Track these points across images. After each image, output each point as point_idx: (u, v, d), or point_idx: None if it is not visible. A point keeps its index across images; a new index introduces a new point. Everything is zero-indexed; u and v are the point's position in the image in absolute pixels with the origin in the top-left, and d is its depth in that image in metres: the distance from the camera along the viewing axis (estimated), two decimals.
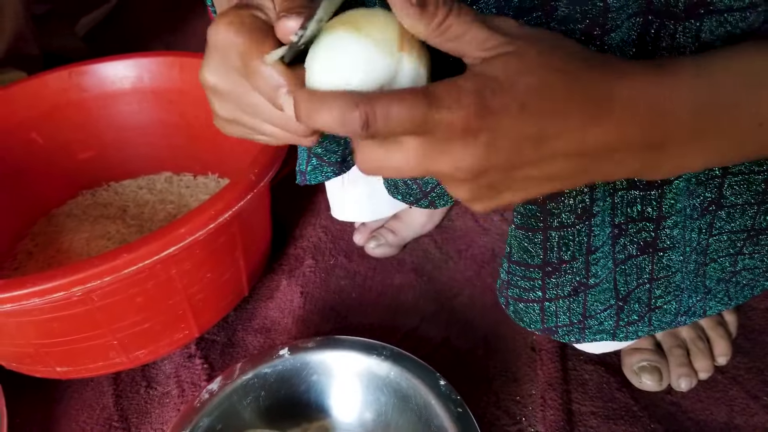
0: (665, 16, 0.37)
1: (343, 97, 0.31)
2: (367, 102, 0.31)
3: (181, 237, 0.57)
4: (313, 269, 0.81)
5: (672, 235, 0.47)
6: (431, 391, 0.57)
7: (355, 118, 0.31)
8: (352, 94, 0.31)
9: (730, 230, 0.49)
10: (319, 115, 0.32)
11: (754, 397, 0.64)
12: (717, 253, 0.50)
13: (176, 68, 0.86)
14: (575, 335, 0.52)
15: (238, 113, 0.40)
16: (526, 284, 0.49)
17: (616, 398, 0.65)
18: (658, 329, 0.53)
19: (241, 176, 0.63)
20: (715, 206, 0.47)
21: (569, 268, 0.47)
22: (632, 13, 0.37)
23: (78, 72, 0.86)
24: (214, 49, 0.39)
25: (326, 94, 0.32)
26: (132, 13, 1.44)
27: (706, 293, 0.53)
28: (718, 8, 0.37)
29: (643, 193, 0.44)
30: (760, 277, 0.53)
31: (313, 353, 0.62)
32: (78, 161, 0.89)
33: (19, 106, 0.84)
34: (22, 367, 0.67)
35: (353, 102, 0.31)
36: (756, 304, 0.72)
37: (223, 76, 0.39)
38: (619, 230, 0.46)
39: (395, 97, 0.31)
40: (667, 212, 0.45)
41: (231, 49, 0.37)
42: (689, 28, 0.37)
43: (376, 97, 0.31)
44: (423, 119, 0.31)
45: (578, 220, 0.44)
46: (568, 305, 0.50)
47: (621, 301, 0.50)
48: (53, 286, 0.53)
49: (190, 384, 0.69)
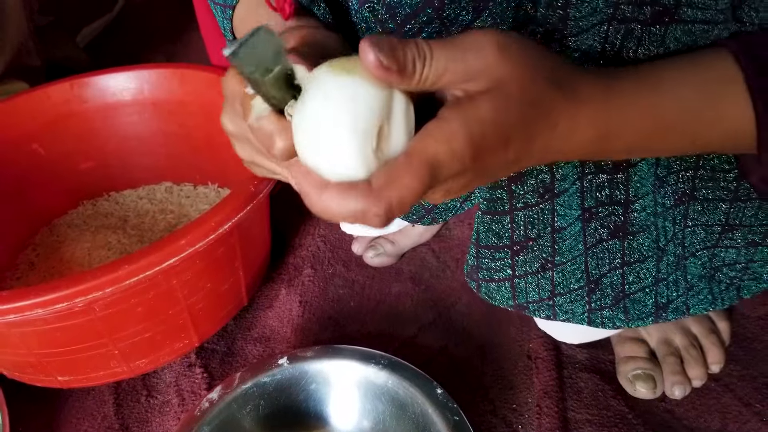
0: (631, 21, 0.39)
1: (360, 200, 0.33)
2: (383, 201, 0.32)
3: (182, 248, 0.58)
4: (312, 278, 0.82)
5: (641, 218, 0.48)
6: (428, 400, 0.58)
7: (376, 220, 0.33)
8: (366, 197, 0.33)
9: (704, 223, 0.50)
10: (336, 216, 0.33)
11: (746, 405, 0.65)
12: (694, 245, 0.52)
13: (176, 80, 0.87)
14: (545, 311, 0.54)
15: (255, 156, 0.43)
16: (496, 265, 0.52)
17: (610, 406, 0.65)
18: (637, 321, 0.54)
19: (241, 187, 0.64)
20: (689, 198, 0.49)
21: (535, 245, 0.49)
22: (596, 22, 0.39)
23: (80, 83, 0.87)
24: (227, 98, 0.42)
25: (340, 195, 0.33)
26: (133, 24, 1.46)
27: (687, 289, 0.54)
28: (683, 19, 0.39)
29: (610, 177, 0.46)
30: (742, 275, 0.54)
31: (312, 362, 0.63)
32: (79, 171, 0.90)
33: (22, 117, 0.85)
34: (24, 377, 0.67)
35: (371, 207, 0.33)
36: (749, 312, 0.73)
37: (235, 123, 0.42)
38: (589, 214, 0.48)
39: (406, 187, 0.33)
40: (634, 195, 0.47)
41: (236, 99, 0.40)
42: (655, 33, 0.40)
43: (388, 193, 0.32)
44: (430, 187, 0.33)
45: (541, 199, 0.47)
46: (537, 281, 0.52)
47: (592, 283, 0.52)
48: (56, 297, 0.54)
49: (190, 393, 0.70)
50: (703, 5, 0.39)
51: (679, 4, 0.39)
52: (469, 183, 0.36)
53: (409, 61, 0.33)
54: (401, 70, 0.33)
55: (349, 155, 0.33)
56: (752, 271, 0.53)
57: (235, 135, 0.43)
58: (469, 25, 0.43)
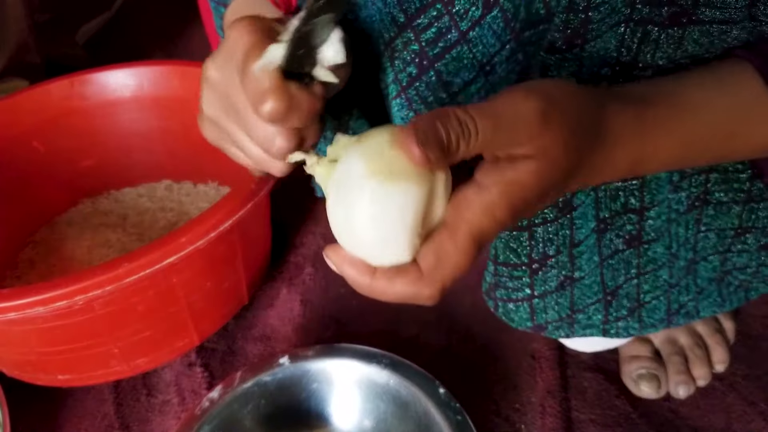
0: (648, 23, 0.39)
1: (411, 285, 0.34)
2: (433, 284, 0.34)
3: (182, 246, 0.58)
4: (313, 277, 0.82)
5: (656, 226, 0.48)
6: (430, 399, 0.58)
7: (429, 301, 0.34)
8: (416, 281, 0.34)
9: (717, 227, 0.50)
10: (389, 299, 0.35)
11: (751, 404, 0.64)
12: (706, 250, 0.51)
13: (176, 77, 0.87)
14: (565, 330, 0.53)
15: (221, 114, 0.40)
16: (514, 284, 0.50)
17: (614, 406, 0.65)
18: (650, 328, 0.54)
19: (242, 185, 0.63)
20: (702, 202, 0.48)
21: (555, 262, 0.49)
22: (614, 23, 0.39)
23: (80, 81, 0.87)
24: (225, 43, 0.39)
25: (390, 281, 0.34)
26: (132, 21, 1.45)
27: (698, 293, 0.54)
28: (701, 19, 0.39)
29: (625, 185, 0.46)
30: (752, 278, 0.53)
31: (313, 361, 0.62)
32: (79, 169, 0.90)
33: (22, 114, 0.84)
34: (24, 375, 0.67)
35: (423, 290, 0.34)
36: (754, 311, 0.73)
37: (222, 70, 0.39)
38: (604, 224, 0.48)
39: (453, 266, 0.33)
40: (649, 203, 0.47)
41: (238, 45, 0.37)
42: (672, 35, 0.39)
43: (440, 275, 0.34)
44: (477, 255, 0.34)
45: (560, 214, 0.46)
46: (555, 300, 0.51)
47: (609, 295, 0.51)
48: (56, 294, 0.54)
49: (190, 392, 0.70)
50: (722, 4, 0.38)
51: (697, 4, 0.38)
52: (506, 229, 0.36)
53: (453, 143, 0.32)
54: (447, 156, 0.32)
55: (399, 245, 0.34)
56: (762, 274, 0.53)
57: (213, 82, 0.39)
58: (479, 20, 0.42)
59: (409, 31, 0.44)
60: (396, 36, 0.45)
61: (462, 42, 0.44)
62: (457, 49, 0.44)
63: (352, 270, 0.35)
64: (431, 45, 0.44)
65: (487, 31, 0.43)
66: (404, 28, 0.44)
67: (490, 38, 0.43)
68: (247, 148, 0.40)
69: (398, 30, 0.45)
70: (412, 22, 0.44)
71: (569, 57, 0.40)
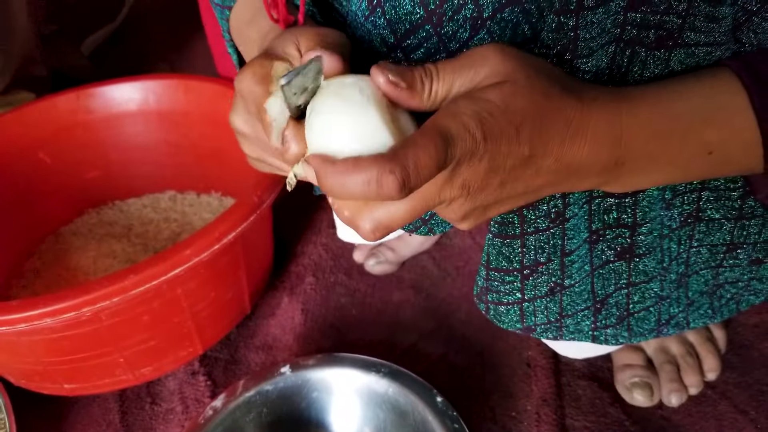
0: (636, 44, 0.40)
1: (374, 163, 0.32)
2: (398, 163, 0.32)
3: (187, 258, 0.59)
4: (314, 286, 0.83)
5: (647, 242, 0.49)
6: (428, 408, 0.59)
7: (392, 182, 0.32)
8: (380, 159, 0.32)
9: (709, 243, 0.51)
10: (351, 187, 0.32)
11: (742, 412, 0.66)
12: (698, 265, 0.52)
13: (180, 90, 0.89)
14: (553, 332, 0.55)
15: (262, 154, 0.45)
16: (505, 288, 0.52)
17: (608, 413, 0.66)
18: (639, 336, 0.55)
19: (245, 198, 0.65)
20: (694, 219, 0.49)
21: (545, 269, 0.50)
22: (604, 42, 0.40)
23: (86, 94, 0.89)
24: (239, 95, 0.43)
25: (353, 164, 0.32)
26: (137, 32, 1.47)
27: (688, 304, 0.55)
28: (687, 42, 0.40)
29: (618, 201, 0.47)
30: (743, 291, 0.55)
31: (314, 370, 0.64)
32: (84, 180, 0.91)
33: (29, 127, 0.86)
34: (31, 384, 0.68)
35: (386, 168, 0.32)
36: (745, 320, 0.74)
37: (246, 121, 0.43)
38: (596, 236, 0.49)
39: (421, 150, 0.32)
40: (641, 219, 0.48)
41: (250, 96, 0.41)
42: (659, 57, 0.41)
43: (404, 155, 0.32)
44: (445, 160, 0.33)
45: (552, 224, 0.47)
46: (545, 304, 0.52)
47: (598, 303, 0.53)
48: (64, 306, 0.55)
49: (194, 401, 0.71)
50: (706, 29, 0.40)
51: (682, 28, 0.40)
52: (487, 178, 0.36)
53: (417, 79, 0.35)
54: (411, 87, 0.35)
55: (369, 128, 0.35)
56: (753, 288, 0.54)
57: (245, 134, 0.44)
58: (466, 41, 0.44)
59: (399, 51, 0.46)
60: (386, 55, 0.47)
61: None
62: None
63: (318, 161, 0.34)
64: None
65: None
66: (394, 48, 0.46)
67: None
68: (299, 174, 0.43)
69: (388, 50, 0.46)
70: (401, 43, 0.45)
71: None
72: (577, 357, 0.70)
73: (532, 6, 0.40)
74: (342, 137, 0.34)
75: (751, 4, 0.40)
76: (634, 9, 0.39)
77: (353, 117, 0.35)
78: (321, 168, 0.34)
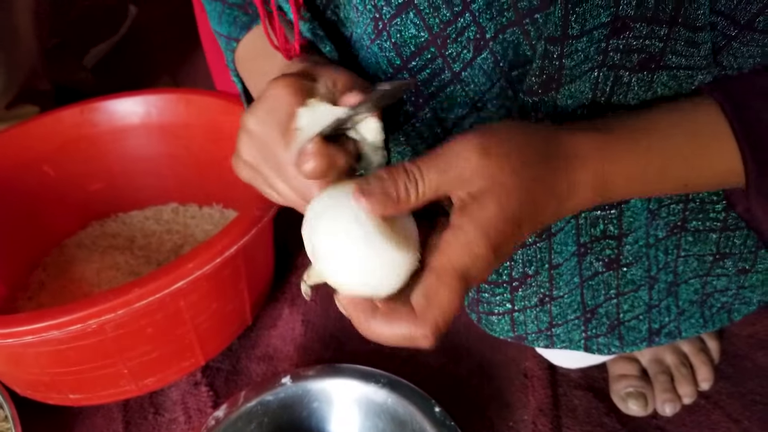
0: (620, 69, 0.42)
1: (406, 325, 0.36)
2: (428, 324, 0.36)
3: (190, 271, 0.61)
4: (314, 298, 0.84)
5: (634, 251, 0.50)
6: (426, 418, 0.60)
7: (427, 342, 0.36)
8: (411, 321, 0.36)
9: (696, 253, 0.52)
10: (387, 340, 0.37)
11: (735, 421, 0.67)
12: (687, 274, 0.54)
13: (182, 104, 0.90)
14: (544, 341, 0.56)
15: (260, 161, 0.44)
16: (496, 299, 0.53)
17: (604, 423, 0.67)
18: (632, 346, 0.56)
19: (246, 211, 0.66)
20: (680, 229, 0.51)
21: (534, 281, 0.51)
22: (587, 69, 0.42)
23: (90, 108, 0.90)
24: (266, 99, 0.42)
25: (386, 321, 0.36)
26: (139, 46, 1.48)
27: (679, 314, 0.56)
28: (669, 65, 0.42)
29: (604, 213, 0.49)
30: (734, 300, 0.56)
31: (314, 381, 0.65)
32: (88, 193, 0.93)
33: (34, 141, 0.88)
34: (37, 395, 0.70)
35: (419, 332, 0.36)
36: (738, 331, 0.75)
37: (264, 125, 0.42)
38: (584, 248, 0.50)
39: (446, 301, 0.36)
40: (627, 229, 0.49)
41: (283, 105, 0.41)
42: (642, 79, 0.42)
43: (432, 314, 0.36)
44: (467, 291, 0.37)
45: (539, 239, 0.49)
46: (535, 314, 0.54)
47: (588, 313, 0.54)
48: (71, 318, 0.57)
49: (196, 411, 0.72)
50: (687, 53, 0.41)
51: (664, 51, 0.41)
52: (492, 265, 0.38)
53: (402, 189, 0.36)
54: (397, 201, 0.36)
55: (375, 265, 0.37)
56: (743, 296, 0.56)
57: (253, 134, 0.43)
58: (470, 62, 0.45)
59: (404, 72, 0.48)
60: (392, 76, 0.48)
61: (455, 81, 0.47)
62: (451, 88, 0.47)
63: (353, 309, 0.38)
64: (426, 85, 0.48)
65: (478, 71, 0.46)
66: (400, 69, 0.48)
67: (481, 77, 0.46)
68: (284, 192, 0.43)
69: (394, 71, 0.48)
70: (407, 65, 0.47)
71: (546, 99, 0.43)
72: (571, 367, 0.71)
73: (531, 28, 0.42)
74: (350, 271, 0.36)
75: (729, 29, 0.42)
76: (616, 36, 0.40)
77: (356, 250, 0.36)
78: (355, 317, 0.37)
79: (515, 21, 0.42)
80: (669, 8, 0.40)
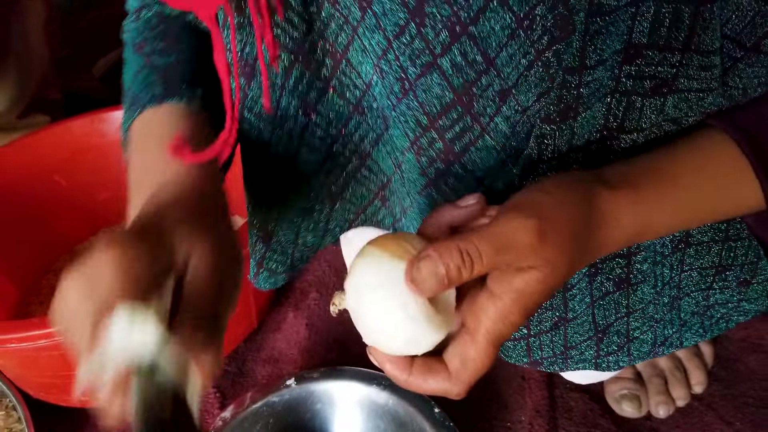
0: (633, 94, 0.43)
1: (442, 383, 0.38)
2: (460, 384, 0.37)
3: None
4: (318, 302, 0.86)
5: (643, 269, 0.52)
6: (426, 419, 0.62)
7: (459, 396, 0.38)
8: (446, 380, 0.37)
9: (699, 266, 0.54)
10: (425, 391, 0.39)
11: (727, 423, 0.68)
12: (689, 287, 0.55)
13: None
14: (559, 365, 0.57)
15: (68, 334, 0.35)
16: None
17: (599, 424, 0.69)
18: (637, 359, 0.58)
19: None
20: (684, 244, 0.52)
21: (548, 304, 0.52)
22: (602, 95, 0.43)
23: (99, 119, 0.92)
24: (93, 266, 0.35)
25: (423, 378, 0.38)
26: None
27: (681, 325, 0.58)
28: (680, 89, 0.43)
29: None
30: (732, 311, 0.58)
31: (318, 383, 0.67)
32: (98, 201, 0.95)
33: (45, 151, 0.90)
34: (50, 396, 0.72)
35: (453, 391, 0.38)
36: (731, 335, 0.77)
37: (77, 306, 0.34)
38: (595, 269, 0.51)
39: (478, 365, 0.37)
40: (635, 248, 0.51)
41: (103, 288, 0.34)
42: (654, 104, 0.43)
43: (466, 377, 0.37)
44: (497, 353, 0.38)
45: None
46: (550, 338, 0.55)
47: (600, 333, 0.55)
48: None
49: (204, 412, 0.74)
50: (698, 76, 0.42)
51: (676, 76, 0.42)
52: (522, 324, 0.39)
53: (453, 273, 0.35)
54: (448, 284, 0.35)
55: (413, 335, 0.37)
56: (742, 309, 0.57)
57: (68, 306, 0.34)
58: (497, 111, 0.44)
59: (432, 131, 0.47)
60: (420, 136, 0.47)
61: (485, 134, 0.46)
62: (481, 141, 0.46)
63: (391, 367, 0.38)
64: (454, 142, 0.47)
65: (503, 120, 0.45)
66: (427, 129, 0.47)
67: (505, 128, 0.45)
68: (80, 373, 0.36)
69: (422, 130, 0.47)
70: (434, 125, 0.46)
71: (563, 127, 0.44)
72: (581, 383, 0.72)
73: (553, 59, 0.41)
74: (395, 341, 0.37)
75: (735, 51, 0.43)
76: (629, 63, 0.41)
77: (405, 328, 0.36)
78: (391, 372, 0.38)
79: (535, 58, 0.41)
80: (682, 36, 0.40)
